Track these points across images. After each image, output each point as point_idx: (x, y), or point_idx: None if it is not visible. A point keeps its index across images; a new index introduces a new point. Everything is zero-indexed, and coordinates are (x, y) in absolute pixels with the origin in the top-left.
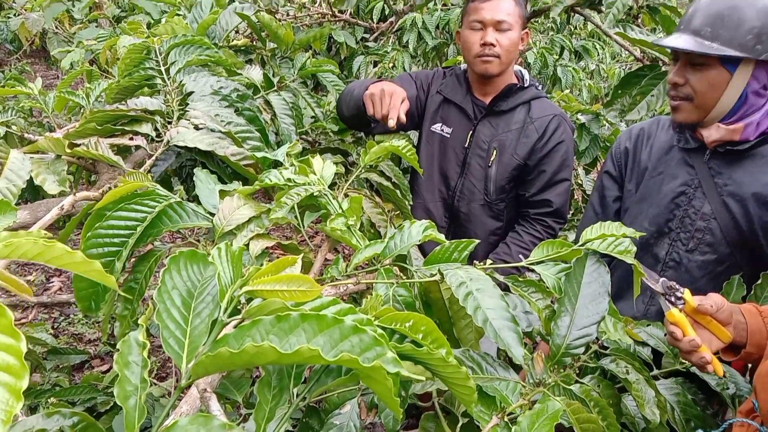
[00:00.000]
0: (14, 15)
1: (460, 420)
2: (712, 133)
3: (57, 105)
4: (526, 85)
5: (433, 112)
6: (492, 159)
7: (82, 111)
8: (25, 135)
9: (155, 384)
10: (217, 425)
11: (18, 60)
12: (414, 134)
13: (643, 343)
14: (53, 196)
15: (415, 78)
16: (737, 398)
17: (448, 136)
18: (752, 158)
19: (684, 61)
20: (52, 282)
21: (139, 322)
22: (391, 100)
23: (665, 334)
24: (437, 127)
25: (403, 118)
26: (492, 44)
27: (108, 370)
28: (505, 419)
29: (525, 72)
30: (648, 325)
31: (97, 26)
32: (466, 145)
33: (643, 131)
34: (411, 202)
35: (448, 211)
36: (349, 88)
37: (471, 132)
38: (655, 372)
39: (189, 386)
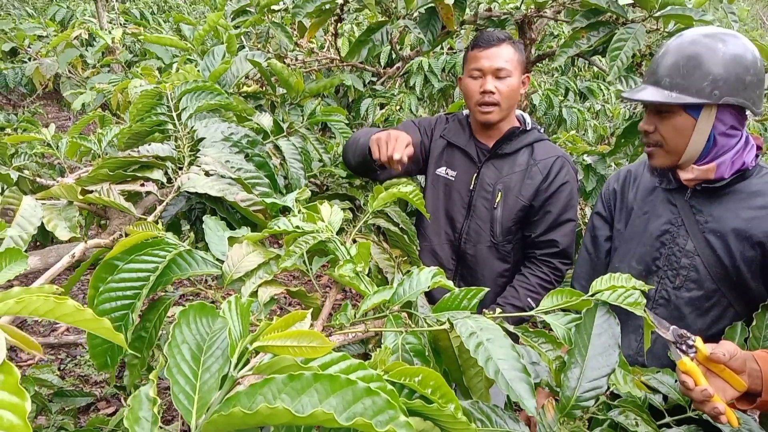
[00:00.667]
0: (28, 59)
1: None
2: (688, 174)
3: (69, 150)
4: (528, 129)
5: (438, 156)
6: (497, 201)
7: (92, 154)
8: (38, 179)
9: (162, 428)
10: None
11: (31, 103)
12: (422, 179)
13: (655, 390)
14: (64, 241)
15: (419, 124)
16: None
17: (453, 179)
18: (730, 195)
19: (651, 111)
20: (59, 323)
21: (150, 377)
22: (396, 143)
23: (676, 381)
24: (442, 171)
25: (405, 159)
26: (491, 92)
27: (114, 413)
28: None
29: (527, 116)
30: (658, 372)
31: (109, 71)
32: (471, 188)
33: (630, 173)
34: (419, 247)
35: (455, 253)
36: (354, 136)
37: (475, 175)
38: (667, 419)
39: None
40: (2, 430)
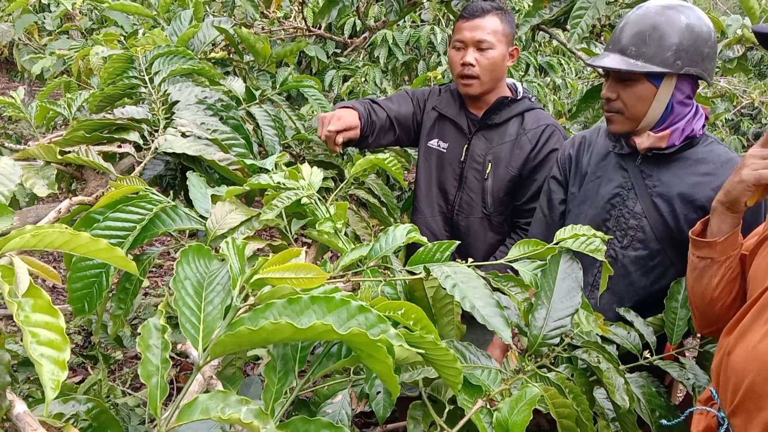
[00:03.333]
0: None
1: (447, 407)
2: (643, 141)
3: (38, 115)
4: (518, 98)
5: (430, 128)
6: (488, 172)
7: (55, 123)
8: (6, 144)
9: (130, 394)
10: (235, 400)
11: None
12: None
13: (608, 341)
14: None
15: (412, 96)
16: (696, 389)
17: (445, 151)
18: (678, 161)
19: (614, 78)
20: None
21: (159, 308)
22: (334, 123)
23: (628, 333)
24: (434, 143)
25: (339, 139)
26: (471, 64)
27: (81, 381)
28: (487, 405)
29: (519, 84)
30: (611, 325)
31: (68, 38)
32: (462, 159)
33: (584, 139)
34: (398, 220)
35: (447, 225)
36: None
37: (466, 146)
38: (621, 367)
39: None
40: (43, 346)
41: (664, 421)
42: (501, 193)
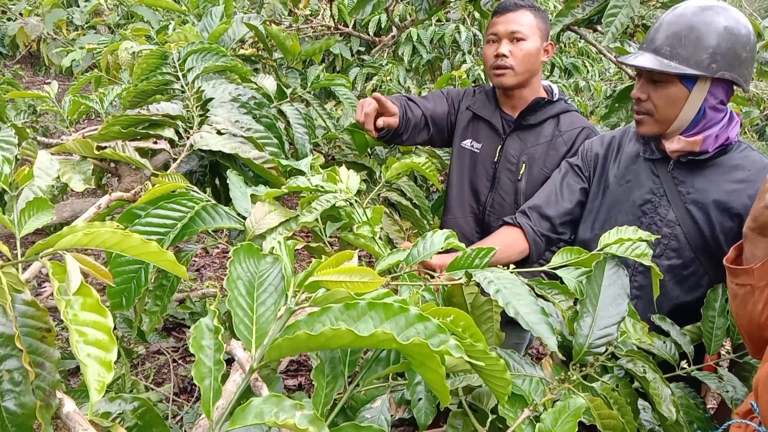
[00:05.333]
0: (7, 20)
1: (489, 416)
2: (673, 145)
3: (71, 109)
4: (554, 99)
5: (464, 129)
6: (521, 173)
7: (83, 118)
8: (39, 139)
9: (153, 389)
10: (289, 405)
11: (4, 66)
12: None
13: (645, 351)
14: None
15: (447, 95)
16: (734, 401)
17: (478, 151)
18: (713, 168)
19: (646, 78)
20: (44, 287)
21: (211, 308)
22: (371, 105)
23: (663, 343)
24: (467, 143)
25: (379, 123)
26: (504, 55)
27: None
28: (530, 417)
29: (555, 86)
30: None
31: (95, 33)
32: (495, 160)
33: (614, 139)
34: (430, 222)
35: (479, 226)
36: None
37: (500, 147)
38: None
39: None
40: (90, 346)
41: None
42: (534, 194)
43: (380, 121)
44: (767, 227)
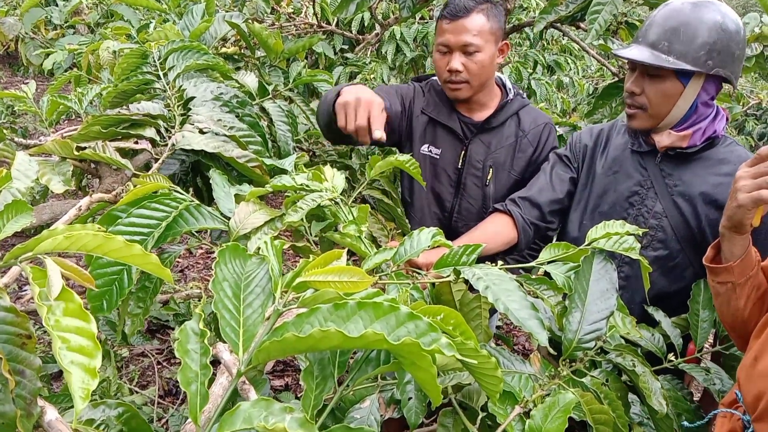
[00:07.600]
0: None
1: (480, 414)
2: (663, 139)
3: (49, 109)
4: (510, 96)
5: (421, 134)
6: (488, 178)
7: (63, 118)
8: (15, 139)
9: (137, 392)
10: (278, 408)
11: None
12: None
13: (632, 343)
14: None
15: (397, 92)
16: (720, 394)
17: (438, 157)
18: (700, 161)
19: (641, 72)
20: (25, 290)
21: (196, 311)
22: (369, 112)
23: (652, 335)
24: (426, 149)
25: (384, 136)
26: (458, 70)
27: None
28: (520, 414)
29: (505, 78)
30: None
31: (74, 33)
32: (459, 166)
33: (602, 132)
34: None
35: (446, 231)
36: (325, 95)
37: (463, 152)
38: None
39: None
40: (73, 352)
41: (686, 423)
42: (504, 198)
43: (378, 133)
44: (741, 225)
